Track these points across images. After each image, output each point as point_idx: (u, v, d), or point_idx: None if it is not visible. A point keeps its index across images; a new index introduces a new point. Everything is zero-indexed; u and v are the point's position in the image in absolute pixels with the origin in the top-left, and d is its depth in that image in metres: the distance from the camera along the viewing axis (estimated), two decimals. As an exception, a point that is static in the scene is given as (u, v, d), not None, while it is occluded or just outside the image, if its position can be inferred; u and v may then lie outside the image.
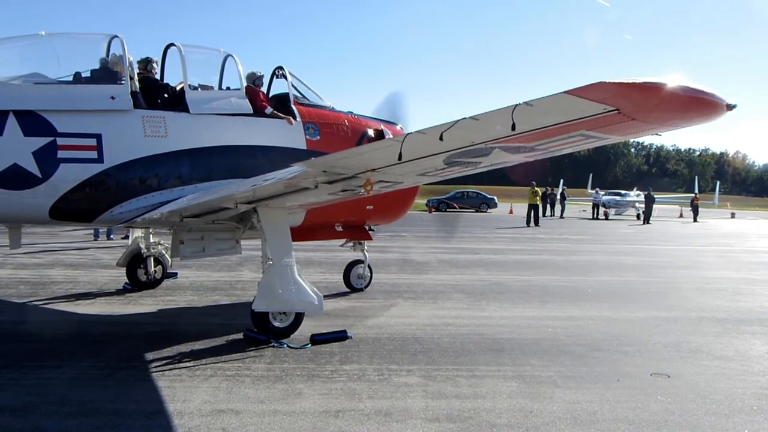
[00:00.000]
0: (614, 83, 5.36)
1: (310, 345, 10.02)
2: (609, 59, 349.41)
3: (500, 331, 11.30)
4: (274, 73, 13.12)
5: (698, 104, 5.60)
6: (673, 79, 5.36)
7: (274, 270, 10.42)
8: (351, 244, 15.04)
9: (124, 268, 15.15)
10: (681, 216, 68.23)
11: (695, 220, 61.67)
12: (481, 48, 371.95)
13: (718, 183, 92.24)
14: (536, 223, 44.01)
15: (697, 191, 72.82)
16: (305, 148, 12.38)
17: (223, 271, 17.39)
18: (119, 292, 14.37)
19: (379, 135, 13.41)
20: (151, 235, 15.14)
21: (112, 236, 26.34)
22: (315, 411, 7.25)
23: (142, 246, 15.05)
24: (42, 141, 10.33)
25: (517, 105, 5.92)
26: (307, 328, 10.73)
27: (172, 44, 12.17)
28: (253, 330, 10.40)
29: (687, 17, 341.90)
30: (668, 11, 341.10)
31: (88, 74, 11.44)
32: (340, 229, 13.98)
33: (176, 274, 16.55)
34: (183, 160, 11.31)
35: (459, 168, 8.48)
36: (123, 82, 11.11)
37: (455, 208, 64.60)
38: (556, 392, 8.08)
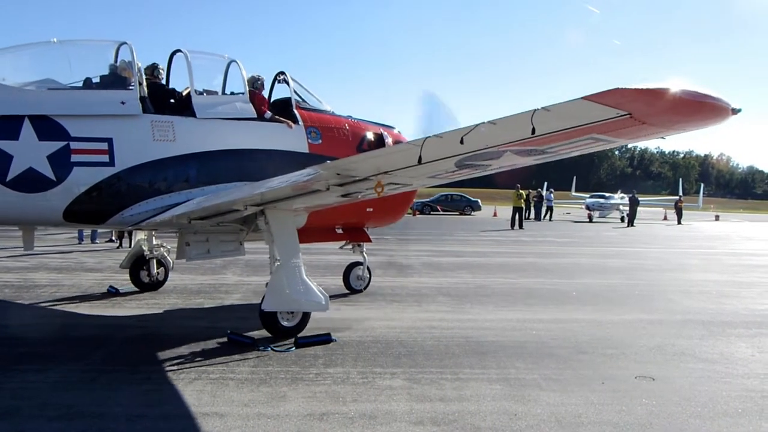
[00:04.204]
0: (629, 89, 5.58)
1: (294, 348, 9.98)
2: (593, 62, 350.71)
3: (485, 334, 11.28)
4: (275, 78, 13.43)
5: (705, 108, 5.79)
6: (681, 84, 5.58)
7: (283, 271, 10.67)
8: (350, 246, 15.18)
9: (127, 270, 15.22)
10: (665, 218, 68.39)
11: (679, 222, 61.90)
12: (467, 51, 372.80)
13: (702, 185, 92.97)
14: (520, 226, 43.97)
15: (681, 194, 73.15)
16: (308, 151, 12.69)
17: (207, 275, 17.34)
18: (103, 296, 14.30)
19: (379, 139, 13.68)
20: (153, 238, 15.26)
21: (96, 240, 26.24)
22: (299, 414, 7.22)
23: (145, 248, 15.16)
24: (56, 145, 10.61)
25: (536, 110, 6.20)
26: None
27: (178, 50, 12.42)
28: (236, 333, 10.39)
29: (669, 20, 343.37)
30: (651, 14, 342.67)
31: (97, 80, 11.72)
32: (340, 231, 14.24)
33: None
34: (190, 163, 11.61)
35: (468, 170, 8.71)
36: (132, 87, 11.41)
37: (439, 210, 64.71)
38: (540, 395, 8.06)
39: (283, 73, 13.41)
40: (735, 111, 5.76)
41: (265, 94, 13.15)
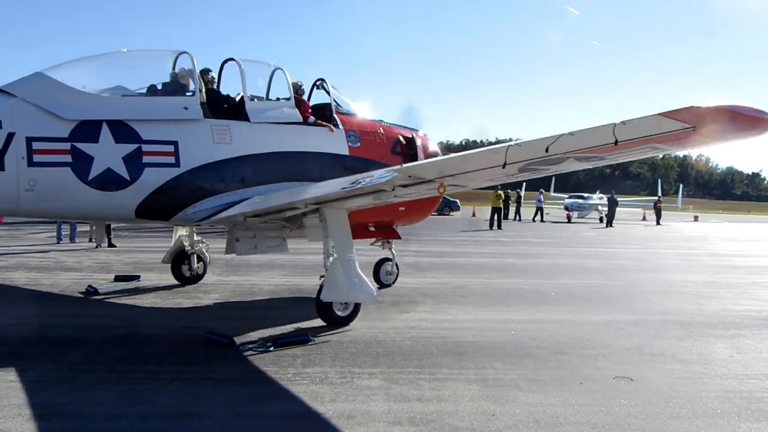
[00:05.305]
0: (703, 107, 6.42)
1: (272, 348, 9.93)
2: (571, 63, 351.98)
3: (463, 335, 11.26)
4: (314, 84, 14.31)
5: (758, 123, 6.51)
6: (738, 101, 6.37)
7: (339, 264, 11.41)
8: (380, 243, 15.93)
9: (169, 265, 16.12)
10: (644, 219, 68.77)
11: (658, 223, 62.23)
12: (443, 50, 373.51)
13: (681, 186, 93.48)
14: (499, 226, 43.96)
15: (660, 194, 73.45)
16: (348, 154, 13.72)
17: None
18: (82, 295, 14.23)
19: (410, 141, 14.83)
20: (194, 234, 16.03)
21: (75, 239, 26.10)
22: (277, 414, 7.23)
23: (186, 244, 15.99)
24: (130, 147, 11.55)
25: (615, 124, 7.03)
26: (268, 332, 10.83)
27: (231, 59, 13.31)
28: (214, 333, 10.37)
29: (649, 21, 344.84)
30: (630, 15, 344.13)
31: (160, 87, 12.65)
32: (372, 228, 14.90)
33: (139, 276, 16.51)
34: (245, 164, 12.49)
35: (528, 174, 9.53)
36: (194, 93, 12.39)
37: None
38: (518, 395, 8.04)
39: (322, 79, 14.26)
40: None
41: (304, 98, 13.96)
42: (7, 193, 10.94)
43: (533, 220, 58.24)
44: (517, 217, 58.13)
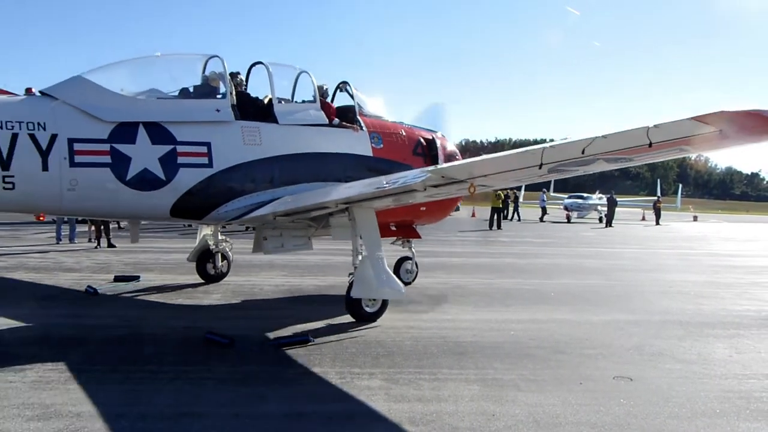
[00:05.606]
0: (732, 112, 6.53)
1: (273, 348, 9.95)
2: (572, 63, 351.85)
3: (462, 335, 11.26)
4: (338, 87, 14.76)
5: None
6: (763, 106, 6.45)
7: (369, 262, 11.70)
8: (400, 242, 16.20)
9: (194, 263, 16.53)
10: (643, 219, 68.80)
11: (657, 223, 62.31)
12: (444, 50, 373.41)
13: (680, 186, 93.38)
14: (498, 226, 43.99)
15: (659, 194, 73.48)
16: (372, 155, 14.09)
17: (186, 274, 17.24)
18: (82, 295, 14.22)
19: (430, 142, 15.28)
20: (218, 233, 16.46)
21: (75, 240, 26.08)
22: (278, 414, 7.21)
23: (211, 243, 16.37)
24: (165, 148, 11.92)
25: (649, 127, 7.20)
26: (268, 332, 10.83)
27: (259, 62, 13.75)
28: (214, 333, 10.36)
29: (649, 22, 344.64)
30: (630, 16, 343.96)
31: (192, 89, 13.01)
32: (393, 228, 15.19)
33: (138, 277, 16.49)
34: (274, 165, 12.84)
35: (556, 174, 9.78)
36: (225, 96, 12.74)
37: None
38: (518, 395, 8.04)
39: (345, 82, 14.71)
40: None
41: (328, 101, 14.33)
42: (51, 192, 11.30)
43: (542, 221, 58.18)
44: (515, 217, 58.06)
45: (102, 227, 24.44)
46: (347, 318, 12.05)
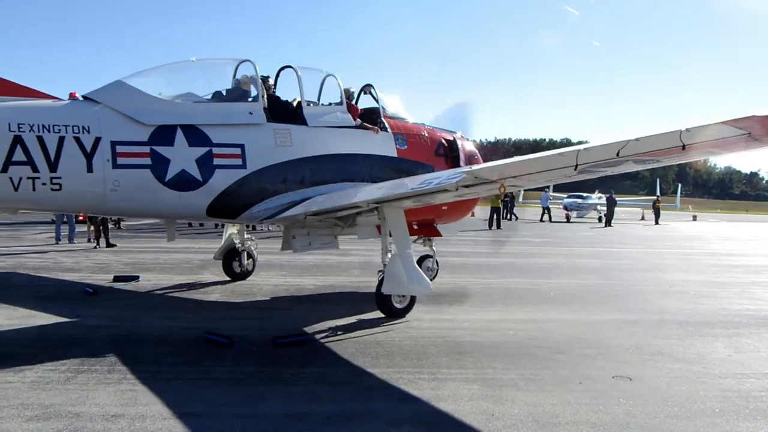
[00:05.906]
0: (761, 115, 6.67)
1: (272, 348, 9.94)
2: (570, 63, 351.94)
3: (462, 334, 11.26)
4: (362, 90, 15.06)
5: None
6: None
7: (399, 259, 12.06)
8: (421, 240, 16.46)
9: (220, 261, 17.00)
10: (642, 218, 68.78)
11: (657, 222, 62.28)
12: (443, 51, 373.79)
13: (679, 185, 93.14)
14: (498, 226, 43.94)
15: (658, 194, 73.35)
16: (396, 156, 14.49)
17: (185, 274, 17.29)
18: (81, 296, 14.24)
19: (451, 143, 15.64)
20: (244, 232, 16.99)
21: (74, 240, 26.09)
22: (276, 414, 7.21)
23: (237, 241, 16.82)
24: (202, 150, 12.31)
25: (681, 131, 7.38)
26: (267, 332, 10.76)
27: (288, 66, 14.01)
28: (213, 333, 10.39)
29: (648, 21, 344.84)
30: (630, 15, 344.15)
31: (224, 93, 13.43)
32: (416, 227, 15.19)
33: (138, 277, 16.50)
34: (304, 166, 13.22)
35: (584, 175, 9.73)
36: (257, 99, 13.14)
37: None
38: (517, 395, 8.04)
39: (369, 85, 15.05)
40: None
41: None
42: (96, 193, 11.66)
43: (550, 221, 58.12)
44: (512, 217, 57.95)
45: (101, 227, 24.49)
46: (346, 318, 12.09)
